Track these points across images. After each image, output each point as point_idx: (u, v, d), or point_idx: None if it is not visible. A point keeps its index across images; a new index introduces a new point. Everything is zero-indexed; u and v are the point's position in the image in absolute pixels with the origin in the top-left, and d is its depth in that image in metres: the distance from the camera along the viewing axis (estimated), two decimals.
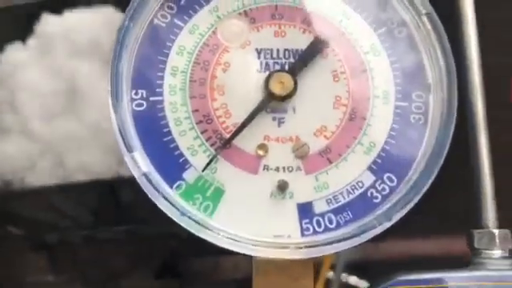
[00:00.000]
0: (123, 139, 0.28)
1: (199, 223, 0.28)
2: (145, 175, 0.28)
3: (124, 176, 0.54)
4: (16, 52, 0.58)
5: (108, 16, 0.58)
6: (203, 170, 0.29)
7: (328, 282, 0.50)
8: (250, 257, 0.29)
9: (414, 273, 0.30)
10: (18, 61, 0.58)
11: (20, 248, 0.55)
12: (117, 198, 0.56)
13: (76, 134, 0.55)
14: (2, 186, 0.55)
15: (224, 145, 0.29)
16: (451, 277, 0.30)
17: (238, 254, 0.27)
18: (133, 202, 0.55)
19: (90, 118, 0.55)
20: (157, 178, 0.28)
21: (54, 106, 0.56)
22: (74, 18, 0.58)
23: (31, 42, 0.58)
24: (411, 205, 0.29)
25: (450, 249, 0.52)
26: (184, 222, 0.28)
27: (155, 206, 0.28)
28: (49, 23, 0.58)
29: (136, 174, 0.28)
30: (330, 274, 0.50)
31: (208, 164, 0.29)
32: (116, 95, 0.29)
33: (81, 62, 0.56)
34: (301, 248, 0.28)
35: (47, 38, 0.58)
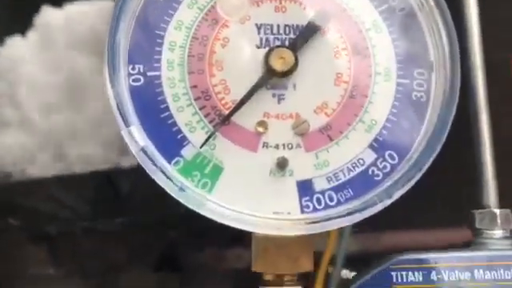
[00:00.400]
0: (120, 114, 0.27)
1: (198, 199, 0.27)
2: (143, 150, 0.27)
3: (124, 167, 0.53)
4: (16, 45, 0.57)
5: (108, 8, 0.57)
6: (201, 147, 0.28)
7: (328, 276, 0.50)
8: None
9: (415, 252, 0.29)
10: (17, 54, 0.57)
11: (20, 240, 0.54)
12: (116, 190, 0.56)
13: (76, 127, 0.55)
14: (2, 178, 0.54)
15: (223, 121, 0.28)
16: (452, 256, 0.30)
17: (240, 244, 0.27)
18: (132, 193, 0.54)
19: (90, 110, 0.55)
20: (155, 153, 0.28)
21: (53, 99, 0.56)
22: (74, 11, 0.57)
23: (31, 34, 0.57)
24: (412, 182, 0.28)
25: (452, 240, 0.51)
26: (183, 198, 0.27)
27: (154, 197, 0.27)
28: (49, 16, 0.57)
29: (134, 149, 0.27)
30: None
31: (206, 140, 0.28)
32: (113, 69, 0.28)
33: (81, 55, 0.56)
34: (301, 224, 0.27)
35: (47, 31, 0.57)
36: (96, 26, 0.55)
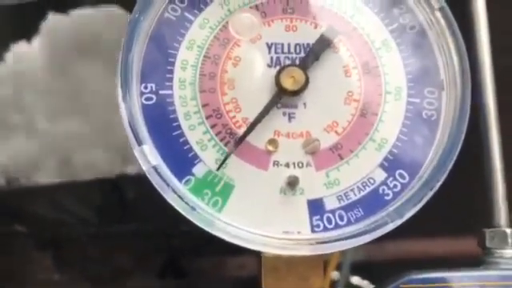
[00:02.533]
0: (133, 132, 0.28)
1: (208, 218, 0.27)
2: (154, 168, 0.28)
3: (129, 174, 0.54)
4: (21, 50, 0.58)
5: (113, 15, 0.58)
6: (218, 169, 0.28)
7: (333, 283, 0.49)
8: (256, 255, 0.28)
9: (427, 271, 0.29)
10: (23, 59, 0.58)
11: (26, 246, 0.55)
12: (122, 197, 0.56)
13: (82, 133, 0.55)
14: (9, 184, 0.55)
15: (237, 144, 0.29)
16: (464, 276, 0.29)
17: (243, 252, 0.27)
18: (138, 200, 0.55)
19: (95, 116, 0.55)
20: (166, 172, 0.28)
21: (59, 105, 0.56)
22: (80, 17, 0.58)
23: (36, 40, 0.58)
24: (423, 202, 0.28)
25: (455, 250, 0.51)
26: (194, 217, 0.27)
27: (159, 204, 0.28)
28: (54, 21, 0.58)
29: (145, 168, 0.28)
30: (336, 274, 0.50)
31: (222, 163, 0.28)
32: (125, 88, 0.28)
33: (86, 61, 0.56)
34: (311, 244, 0.27)
35: (53, 37, 0.57)
36: (102, 32, 0.56)
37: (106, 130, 0.55)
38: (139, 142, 0.28)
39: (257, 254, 0.28)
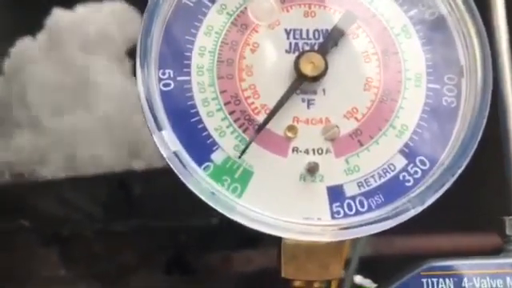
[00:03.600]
0: (153, 117, 0.27)
1: (229, 203, 0.27)
2: (175, 154, 0.27)
3: (135, 170, 0.53)
4: (26, 46, 0.58)
5: (118, 10, 0.58)
6: (240, 157, 0.28)
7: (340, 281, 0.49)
8: (262, 250, 0.28)
9: (447, 259, 0.29)
10: (28, 55, 0.57)
11: (31, 241, 0.54)
12: (128, 192, 0.56)
13: (87, 128, 0.55)
14: (14, 180, 0.54)
15: (257, 131, 0.28)
16: (484, 263, 0.29)
17: (249, 247, 0.27)
18: (144, 196, 0.54)
19: (100, 112, 0.55)
20: (186, 157, 0.28)
21: (64, 100, 0.56)
22: (85, 12, 0.58)
23: (41, 36, 0.58)
24: (445, 188, 0.28)
25: (467, 245, 0.51)
26: (214, 202, 0.27)
27: (166, 200, 0.27)
28: (59, 17, 0.58)
29: (165, 154, 0.27)
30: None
31: (243, 152, 0.28)
32: (144, 73, 0.28)
33: (91, 56, 0.56)
34: (331, 230, 0.27)
35: (58, 32, 0.57)
36: (106, 27, 0.56)
37: (111, 125, 0.54)
38: (159, 128, 0.28)
39: (263, 248, 0.28)
